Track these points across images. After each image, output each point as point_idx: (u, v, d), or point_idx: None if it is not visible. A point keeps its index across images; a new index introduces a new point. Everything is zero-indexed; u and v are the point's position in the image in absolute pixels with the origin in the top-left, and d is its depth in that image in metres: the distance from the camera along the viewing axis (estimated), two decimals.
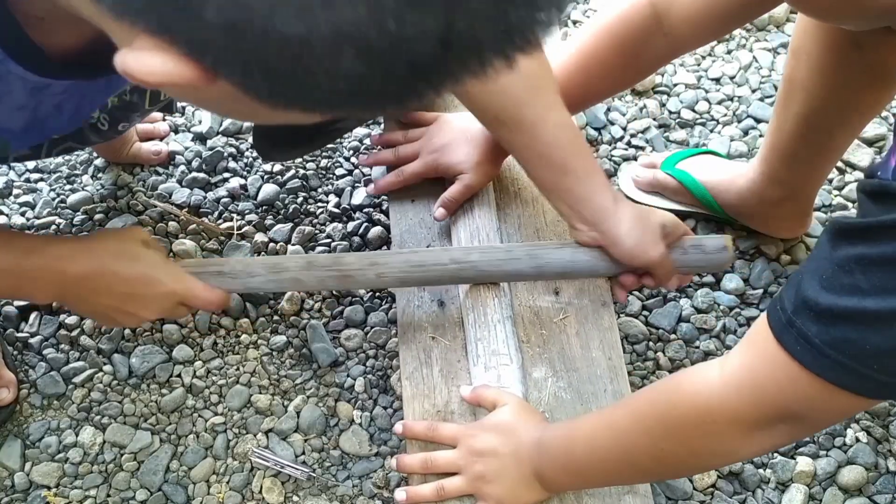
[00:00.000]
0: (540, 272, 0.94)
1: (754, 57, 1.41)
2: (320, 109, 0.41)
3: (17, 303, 1.14)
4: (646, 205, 1.17)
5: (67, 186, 1.26)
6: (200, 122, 1.32)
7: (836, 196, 1.26)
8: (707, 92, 1.38)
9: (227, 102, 0.42)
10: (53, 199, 1.24)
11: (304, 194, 1.24)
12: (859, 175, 1.28)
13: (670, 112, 1.36)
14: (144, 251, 0.84)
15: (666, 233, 0.91)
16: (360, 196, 1.23)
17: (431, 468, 0.88)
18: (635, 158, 1.29)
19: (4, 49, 0.61)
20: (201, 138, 1.30)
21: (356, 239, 1.19)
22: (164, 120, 1.31)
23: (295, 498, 1.02)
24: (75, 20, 0.49)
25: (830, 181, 1.27)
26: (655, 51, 0.95)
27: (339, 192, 1.25)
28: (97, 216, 1.22)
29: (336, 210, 1.22)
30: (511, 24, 0.36)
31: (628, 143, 1.32)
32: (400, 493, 0.88)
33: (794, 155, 1.07)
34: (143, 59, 0.38)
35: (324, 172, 1.27)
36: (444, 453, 0.88)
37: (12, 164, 1.28)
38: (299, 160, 1.27)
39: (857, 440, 1.05)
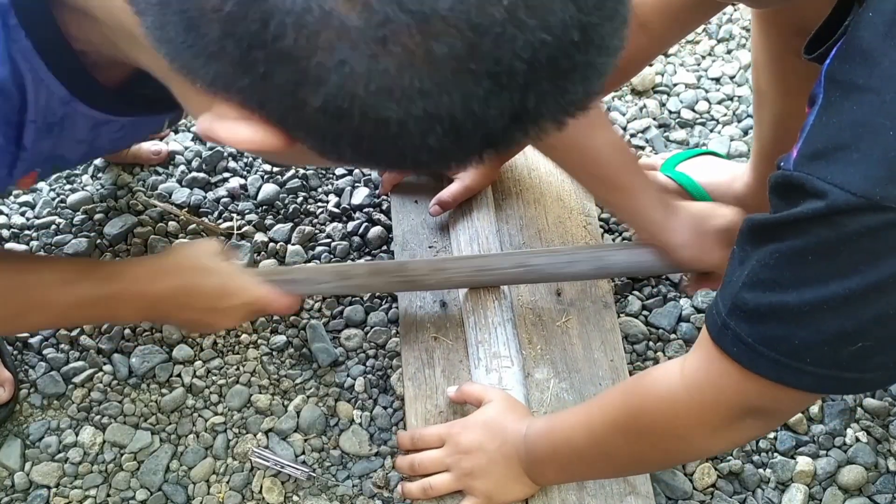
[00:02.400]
0: (601, 273, 0.98)
1: None
2: (393, 168, 0.46)
3: None
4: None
5: (67, 186, 1.26)
6: None
7: None
8: (707, 92, 1.38)
9: (299, 157, 0.45)
10: (53, 199, 1.24)
11: (304, 194, 1.24)
12: None
13: (670, 112, 1.36)
14: (220, 264, 0.88)
15: (727, 236, 0.93)
16: (360, 196, 1.23)
17: (419, 469, 0.89)
18: None
19: (70, 90, 0.63)
20: (201, 138, 1.30)
21: (356, 239, 1.19)
22: None
23: (295, 498, 1.02)
24: (112, 61, 0.50)
25: None
26: (634, 47, 0.95)
27: (339, 192, 1.24)
28: (97, 216, 1.22)
29: (336, 210, 1.22)
30: (569, 98, 0.41)
31: (628, 143, 1.32)
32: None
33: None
34: (233, 129, 0.41)
35: (324, 172, 1.27)
36: (430, 453, 0.89)
37: None
38: None
39: (857, 440, 1.05)
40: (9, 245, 1.19)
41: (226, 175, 1.27)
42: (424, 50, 0.36)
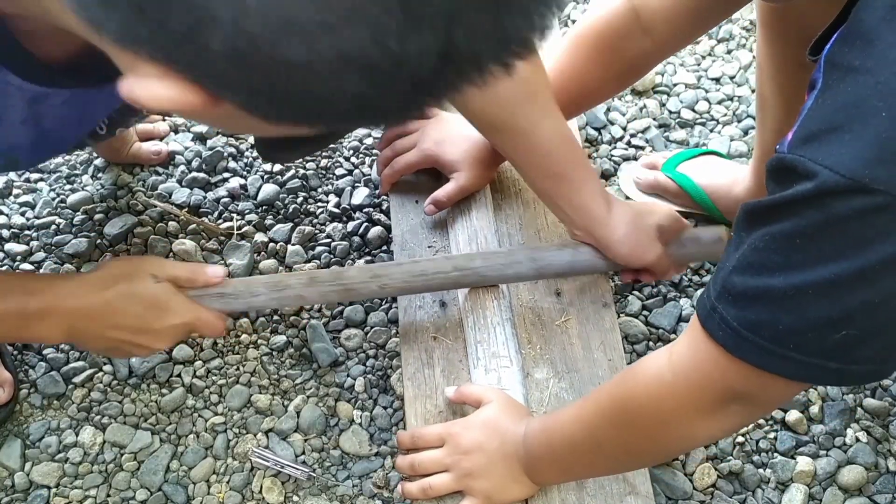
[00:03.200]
0: (541, 273, 0.95)
1: (754, 57, 1.41)
2: (324, 126, 0.42)
3: None
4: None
5: (67, 186, 1.26)
6: None
7: None
8: (707, 92, 1.38)
9: (231, 120, 0.43)
10: (53, 199, 1.24)
11: (304, 194, 1.24)
12: None
13: (670, 112, 1.36)
14: (152, 284, 0.84)
15: (663, 232, 0.93)
16: (360, 196, 1.23)
17: (419, 469, 0.88)
18: (635, 158, 1.29)
19: (1, 61, 0.60)
20: (201, 138, 1.30)
21: (356, 239, 1.19)
22: (163, 120, 1.31)
23: (295, 498, 1.02)
24: (64, 33, 0.48)
25: None
26: (637, 51, 0.96)
27: (339, 192, 1.24)
28: (97, 216, 1.22)
29: (336, 210, 1.22)
30: (508, 33, 0.37)
31: (628, 143, 1.32)
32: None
33: None
34: (149, 87, 0.38)
35: (324, 172, 1.27)
36: (430, 453, 0.89)
37: None
38: (299, 160, 1.27)
39: (857, 440, 1.05)
40: (9, 245, 1.19)
41: (226, 175, 1.27)
42: None
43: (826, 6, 0.62)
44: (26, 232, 1.21)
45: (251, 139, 1.30)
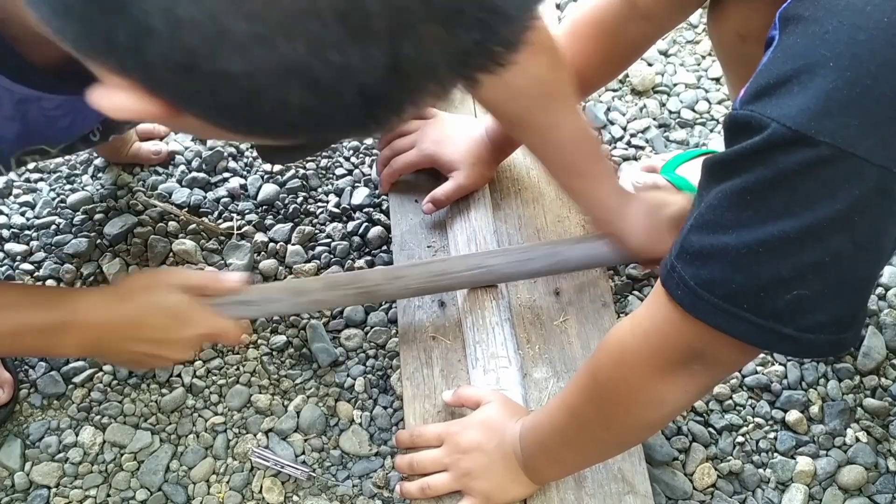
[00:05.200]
0: (558, 268, 0.97)
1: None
2: (285, 137, 0.41)
3: None
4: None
5: (67, 186, 1.26)
6: None
7: None
8: (707, 92, 1.38)
9: (200, 129, 0.43)
10: (53, 199, 1.24)
11: (304, 194, 1.24)
12: None
13: (670, 112, 1.36)
14: (172, 296, 0.85)
15: (678, 223, 0.93)
16: (360, 196, 1.23)
17: (418, 469, 0.88)
18: (636, 158, 1.29)
19: None
20: (201, 138, 1.30)
21: (356, 239, 1.19)
22: None
23: (295, 498, 1.02)
24: (47, 40, 0.49)
25: None
26: (636, 35, 0.96)
27: (339, 192, 1.25)
28: (97, 216, 1.22)
29: (336, 210, 1.22)
30: (465, 46, 0.37)
31: (628, 143, 1.31)
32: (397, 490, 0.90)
33: None
34: (111, 98, 0.39)
35: (324, 172, 1.27)
36: (429, 453, 0.89)
37: None
38: (299, 161, 1.27)
39: (857, 440, 1.05)
40: (9, 245, 1.19)
41: (226, 175, 1.27)
42: None
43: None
44: (26, 232, 1.21)
45: None
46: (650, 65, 1.41)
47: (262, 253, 1.19)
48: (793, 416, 1.06)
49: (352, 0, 0.33)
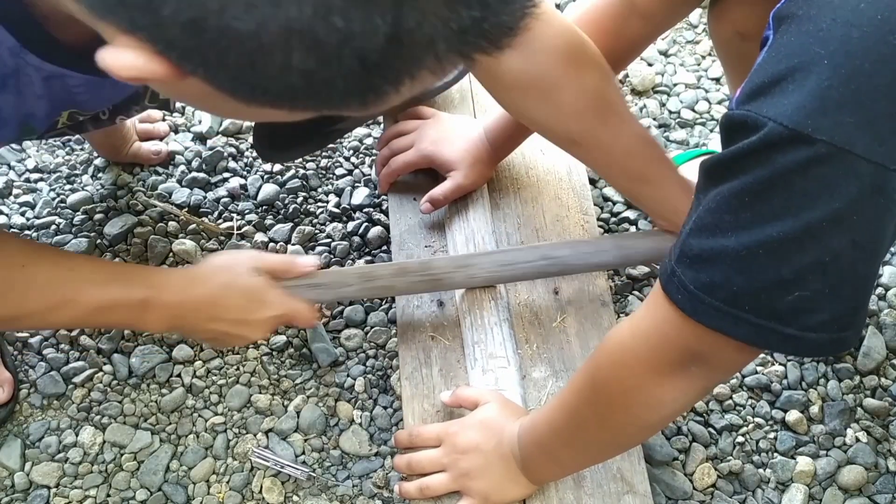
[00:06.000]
0: (626, 261, 0.99)
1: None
2: (285, 105, 0.42)
3: None
4: None
5: (67, 186, 1.26)
6: (200, 121, 1.32)
7: None
8: (707, 92, 1.38)
9: (203, 98, 0.44)
10: (53, 199, 1.24)
11: (304, 194, 1.24)
12: None
13: (670, 112, 1.36)
14: (250, 277, 0.88)
15: None
16: (360, 196, 1.23)
17: (416, 469, 0.88)
18: None
19: (20, 41, 0.62)
20: (201, 138, 1.30)
21: (356, 239, 1.19)
22: (163, 120, 1.31)
23: (295, 498, 1.02)
24: (73, 19, 0.49)
25: None
26: (636, 34, 0.96)
27: (339, 192, 1.25)
28: (97, 216, 1.22)
29: (336, 210, 1.22)
30: (464, 24, 0.38)
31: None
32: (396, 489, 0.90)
33: None
34: (119, 56, 0.40)
35: (324, 172, 1.27)
36: (427, 453, 0.89)
37: (12, 164, 1.28)
38: (299, 160, 1.27)
39: (857, 440, 1.05)
40: None
41: (226, 175, 1.27)
42: None
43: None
44: (26, 232, 1.21)
45: (251, 138, 1.30)
46: (650, 65, 1.41)
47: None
48: (793, 416, 1.06)
49: None
